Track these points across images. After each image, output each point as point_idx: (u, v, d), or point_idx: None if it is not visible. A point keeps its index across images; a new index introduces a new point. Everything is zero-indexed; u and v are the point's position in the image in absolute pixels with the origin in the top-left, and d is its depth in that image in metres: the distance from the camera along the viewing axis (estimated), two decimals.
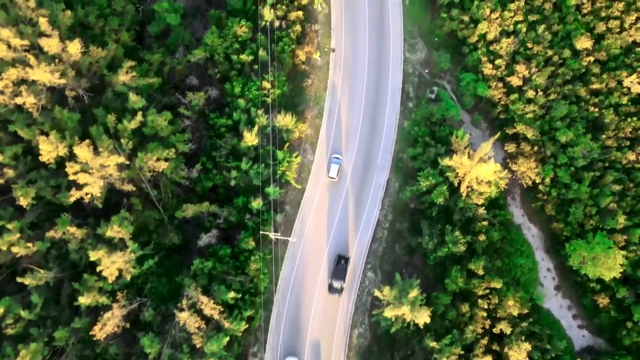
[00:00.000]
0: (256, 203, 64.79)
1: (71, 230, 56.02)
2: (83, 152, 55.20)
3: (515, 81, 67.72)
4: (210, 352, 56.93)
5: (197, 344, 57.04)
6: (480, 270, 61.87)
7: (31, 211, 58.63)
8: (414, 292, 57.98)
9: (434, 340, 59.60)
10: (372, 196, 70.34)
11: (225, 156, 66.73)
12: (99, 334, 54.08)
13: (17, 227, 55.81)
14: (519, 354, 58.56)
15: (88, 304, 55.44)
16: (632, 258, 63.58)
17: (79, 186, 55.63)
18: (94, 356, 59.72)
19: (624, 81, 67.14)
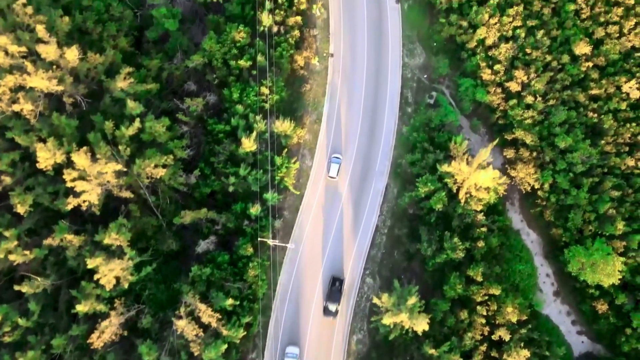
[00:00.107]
0: (254, 209, 64.63)
1: (69, 237, 55.89)
2: (81, 159, 55.05)
3: (514, 87, 67.59)
4: (208, 359, 56.89)
5: (195, 351, 56.96)
6: (479, 276, 61.77)
7: (29, 218, 58.51)
8: (413, 299, 57.85)
9: (432, 347, 59.48)
10: (371, 202, 70.22)
11: (224, 162, 66.58)
12: (96, 342, 53.91)
13: (14, 235, 55.71)
14: None
15: (86, 311, 55.29)
16: (631, 264, 63.52)
17: (76, 194, 55.48)
18: None
19: (622, 87, 67.03)
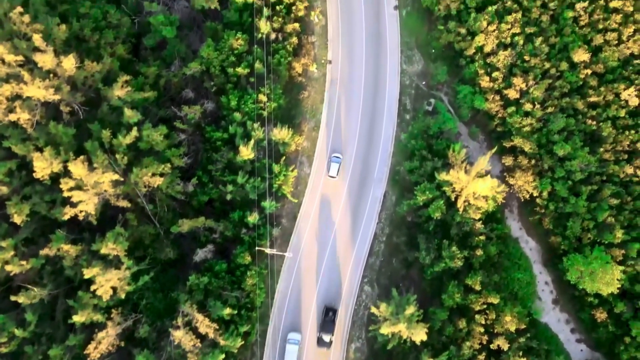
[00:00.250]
0: (252, 217, 64.46)
1: (65, 247, 55.71)
2: (77, 168, 54.88)
3: (512, 94, 67.40)
4: None
5: None
6: (478, 285, 61.58)
7: (25, 227, 58.36)
8: (411, 309, 57.65)
9: (431, 357, 59.25)
10: (369, 209, 70.05)
11: (221, 170, 66.41)
12: (93, 353, 53.72)
13: (11, 245, 55.56)
14: None
15: (83, 321, 55.09)
16: (630, 272, 63.35)
17: (73, 203, 55.29)
18: None
19: (621, 94, 66.83)
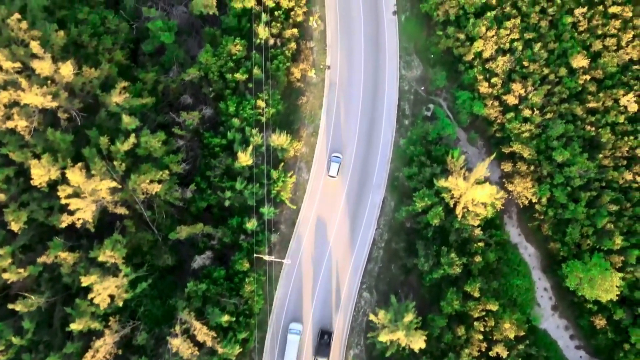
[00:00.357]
0: (251, 224, 64.30)
1: (63, 255, 55.57)
2: (75, 176, 54.73)
3: (511, 100, 67.25)
4: None
5: None
6: (476, 292, 61.38)
7: (23, 234, 58.20)
8: (410, 316, 57.47)
9: None
10: (368, 215, 69.88)
11: (220, 176, 66.28)
12: None
13: (8, 252, 55.41)
14: None
15: (80, 329, 54.90)
16: (629, 279, 63.14)
17: (71, 211, 55.12)
18: None
19: (620, 99, 66.65)
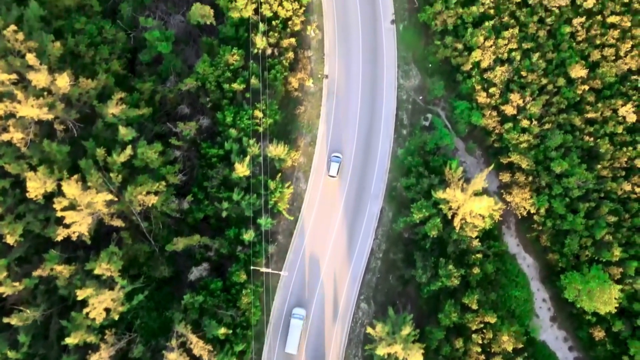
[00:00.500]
0: (248, 235, 64.03)
1: (58, 268, 55.32)
2: (71, 189, 54.49)
3: (509, 110, 67.00)
4: None
5: None
6: (474, 304, 61.08)
7: (19, 246, 57.89)
8: (407, 329, 57.18)
9: None
10: (366, 225, 69.59)
11: (217, 186, 65.99)
12: None
13: (3, 265, 55.18)
14: None
15: (76, 343, 54.61)
16: (628, 291, 62.85)
17: (66, 225, 54.86)
18: None
19: (619, 110, 66.45)
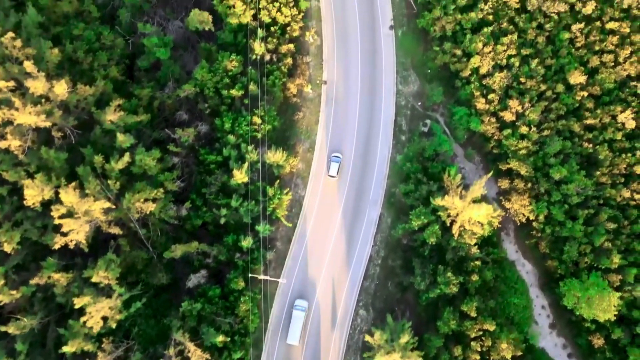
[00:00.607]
0: (246, 242, 63.87)
1: (56, 276, 55.16)
2: (69, 196, 54.33)
3: (508, 116, 66.86)
4: None
5: None
6: (473, 311, 60.87)
7: (16, 254, 57.74)
8: (406, 337, 57.02)
9: None
10: (365, 232, 69.42)
11: (215, 193, 65.87)
12: None
13: (1, 273, 54.97)
14: None
15: (74, 351, 54.46)
16: (627, 298, 62.64)
17: (64, 233, 54.71)
18: None
19: (618, 116, 66.25)
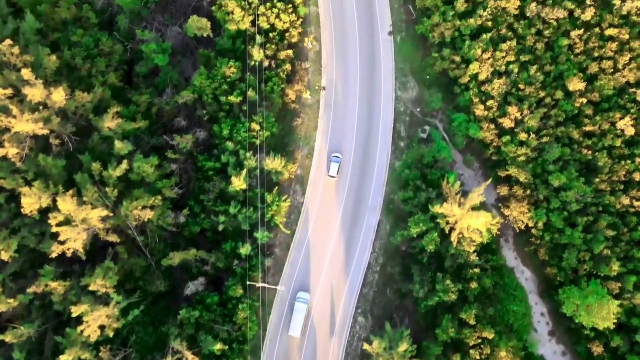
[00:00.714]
0: (244, 249, 63.72)
1: (53, 285, 55.02)
2: (66, 204, 54.22)
3: (507, 123, 66.71)
4: None
5: None
6: (472, 319, 60.68)
7: (14, 262, 57.63)
8: (404, 345, 56.85)
9: None
10: (363, 238, 69.24)
11: (214, 200, 65.76)
12: None
13: None
14: None
15: (71, 359, 54.27)
16: (627, 306, 62.43)
17: (61, 241, 54.60)
18: None
19: (617, 123, 66.06)
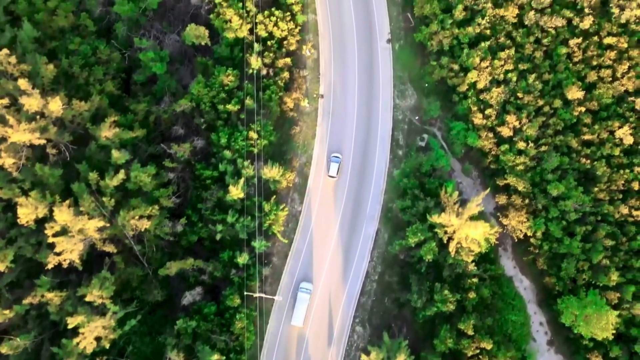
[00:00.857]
0: (242, 259, 63.48)
1: (49, 295, 54.78)
2: (63, 215, 54.03)
3: (505, 131, 66.58)
4: None
5: None
6: (470, 329, 60.39)
7: (10, 272, 57.43)
8: (402, 356, 56.61)
9: None
10: (361, 247, 69.03)
11: (211, 209, 65.53)
12: None
13: None
14: None
15: None
16: (626, 316, 62.19)
17: (58, 252, 54.39)
18: None
19: (616, 132, 65.89)
